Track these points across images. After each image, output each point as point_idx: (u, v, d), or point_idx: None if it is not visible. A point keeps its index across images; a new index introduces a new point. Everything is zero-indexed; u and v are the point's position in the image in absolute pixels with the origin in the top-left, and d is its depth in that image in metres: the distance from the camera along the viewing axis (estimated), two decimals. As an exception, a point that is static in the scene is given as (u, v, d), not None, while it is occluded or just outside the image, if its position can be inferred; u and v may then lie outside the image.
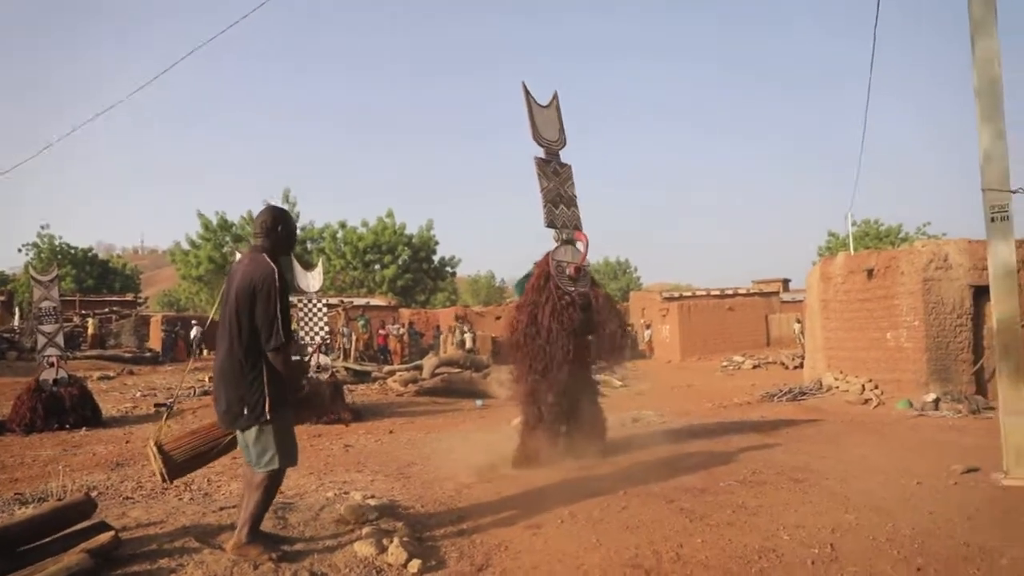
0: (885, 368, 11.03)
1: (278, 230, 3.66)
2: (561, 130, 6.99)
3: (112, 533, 3.42)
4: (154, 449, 3.77)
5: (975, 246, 10.18)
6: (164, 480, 3.88)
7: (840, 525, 4.18)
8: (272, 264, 3.49)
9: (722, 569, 3.52)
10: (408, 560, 3.57)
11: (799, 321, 24.02)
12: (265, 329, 3.41)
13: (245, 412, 3.44)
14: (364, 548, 3.67)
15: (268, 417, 3.43)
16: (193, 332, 25.64)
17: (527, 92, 6.65)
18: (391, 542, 3.72)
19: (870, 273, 11.38)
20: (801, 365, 17.76)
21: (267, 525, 3.82)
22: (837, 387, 11.76)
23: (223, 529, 3.85)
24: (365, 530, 3.94)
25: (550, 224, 6.53)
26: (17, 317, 29.22)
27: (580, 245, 6.67)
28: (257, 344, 3.44)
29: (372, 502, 4.64)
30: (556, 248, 6.50)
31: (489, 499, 4.98)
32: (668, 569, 3.55)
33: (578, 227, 6.76)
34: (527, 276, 6.59)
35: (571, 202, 6.79)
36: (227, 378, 3.50)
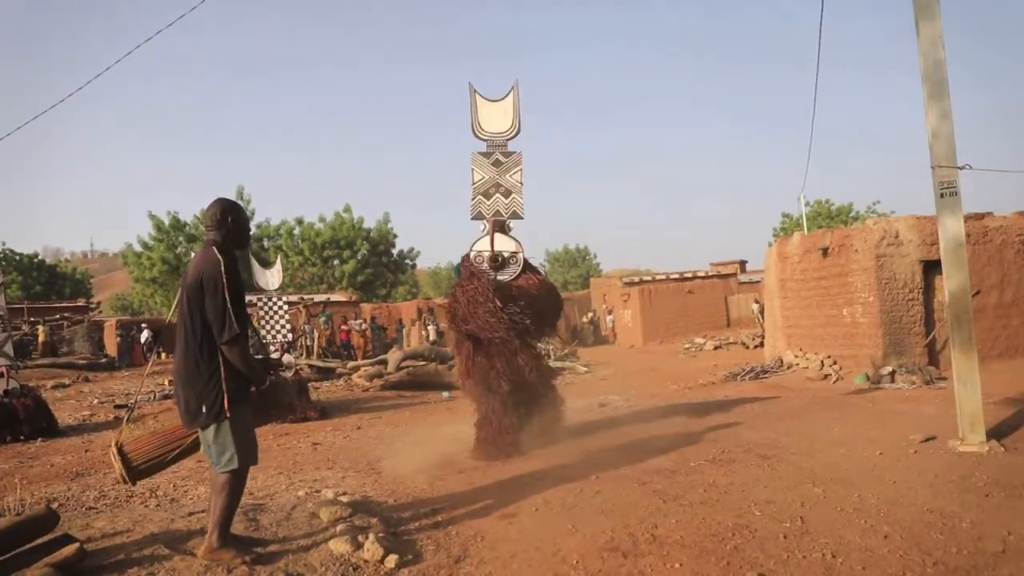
0: (842, 344, 11.33)
1: (228, 221, 3.57)
2: (515, 119, 7.03)
3: (77, 545, 3.32)
4: (115, 451, 3.67)
5: (923, 222, 10.50)
6: (126, 482, 3.78)
7: (809, 498, 4.29)
8: (219, 255, 3.40)
9: (698, 547, 3.58)
10: (385, 555, 3.54)
11: (757, 301, 24.52)
12: (217, 321, 3.32)
13: (203, 410, 3.37)
14: (339, 546, 3.63)
15: (228, 414, 3.35)
16: (144, 335, 24.96)
17: (472, 91, 6.87)
18: (366, 538, 3.68)
19: (825, 252, 11.65)
20: (761, 344, 18.13)
21: (238, 527, 3.75)
22: (797, 364, 12.05)
23: (193, 535, 3.77)
24: (339, 527, 3.89)
25: (476, 216, 6.82)
26: (-39, 327, 28.11)
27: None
28: (212, 339, 3.36)
29: (344, 499, 4.60)
30: (477, 239, 6.76)
31: (462, 490, 4.98)
32: (645, 550, 3.59)
33: (517, 214, 6.85)
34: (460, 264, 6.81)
35: (510, 191, 6.89)
36: (184, 377, 3.42)
